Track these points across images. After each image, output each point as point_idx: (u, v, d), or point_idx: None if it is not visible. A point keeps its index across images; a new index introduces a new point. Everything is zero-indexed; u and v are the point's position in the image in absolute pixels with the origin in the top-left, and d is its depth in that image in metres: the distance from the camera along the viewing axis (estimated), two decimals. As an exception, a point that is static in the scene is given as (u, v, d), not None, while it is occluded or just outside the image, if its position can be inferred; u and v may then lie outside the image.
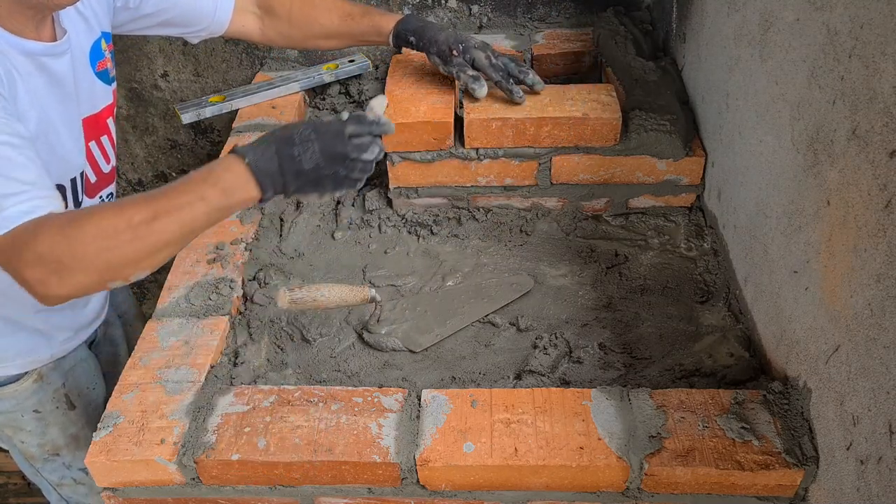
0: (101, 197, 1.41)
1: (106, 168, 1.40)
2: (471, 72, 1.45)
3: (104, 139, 1.38)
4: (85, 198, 1.35)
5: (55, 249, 0.97)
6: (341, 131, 1.09)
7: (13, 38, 1.15)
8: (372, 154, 1.11)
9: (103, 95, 1.37)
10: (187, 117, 1.78)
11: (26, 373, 1.47)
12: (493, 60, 1.46)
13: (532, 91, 1.47)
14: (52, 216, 1.00)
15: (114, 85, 1.41)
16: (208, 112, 1.78)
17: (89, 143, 1.35)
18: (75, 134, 1.29)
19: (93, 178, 1.38)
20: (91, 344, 1.62)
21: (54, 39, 1.23)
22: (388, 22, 1.53)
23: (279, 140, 1.08)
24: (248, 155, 1.06)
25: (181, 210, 1.02)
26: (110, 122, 1.40)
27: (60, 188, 1.27)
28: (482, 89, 1.45)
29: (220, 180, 1.04)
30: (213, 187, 1.04)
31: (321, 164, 1.07)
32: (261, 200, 1.08)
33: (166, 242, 1.02)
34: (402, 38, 1.52)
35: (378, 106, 1.15)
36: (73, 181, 1.29)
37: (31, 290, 1.01)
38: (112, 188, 1.47)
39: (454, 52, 1.46)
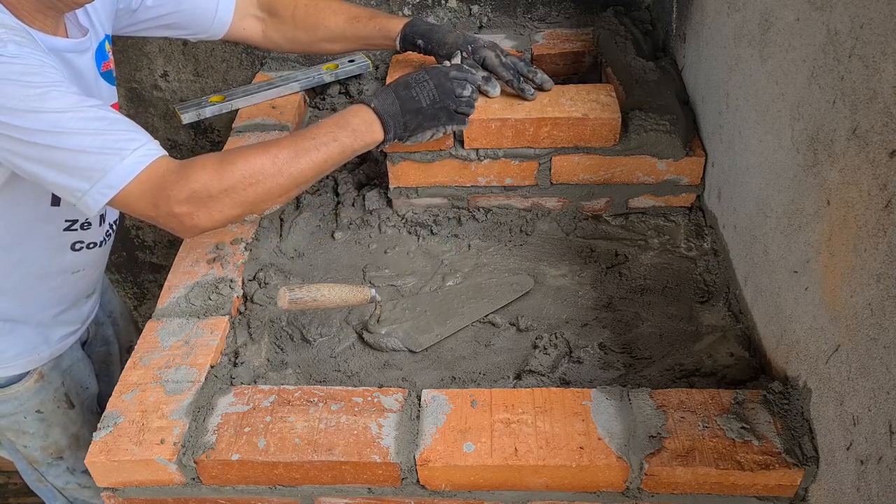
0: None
1: None
2: (482, 73, 1.46)
3: None
4: None
5: (210, 186, 1.11)
6: (447, 72, 1.31)
7: (40, 34, 1.18)
8: (468, 91, 1.31)
9: (109, 96, 1.39)
10: (187, 117, 1.78)
11: (28, 373, 1.47)
12: (504, 60, 1.47)
13: (541, 89, 1.48)
14: (202, 158, 1.14)
15: (114, 87, 1.43)
16: (208, 112, 1.78)
17: None
18: None
19: None
20: (83, 344, 1.63)
21: (68, 36, 1.26)
22: (395, 25, 1.53)
23: (397, 86, 1.27)
24: (372, 101, 1.24)
25: (318, 150, 1.17)
26: None
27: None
28: (495, 89, 1.46)
29: (349, 123, 1.21)
30: (344, 129, 1.20)
31: (437, 99, 1.27)
32: (383, 142, 1.25)
33: (305, 179, 1.18)
34: (409, 41, 1.52)
35: (457, 58, 1.43)
36: None
37: (178, 223, 1.13)
38: None
39: (464, 54, 1.48)
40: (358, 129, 1.22)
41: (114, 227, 1.49)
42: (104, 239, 1.46)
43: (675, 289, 1.36)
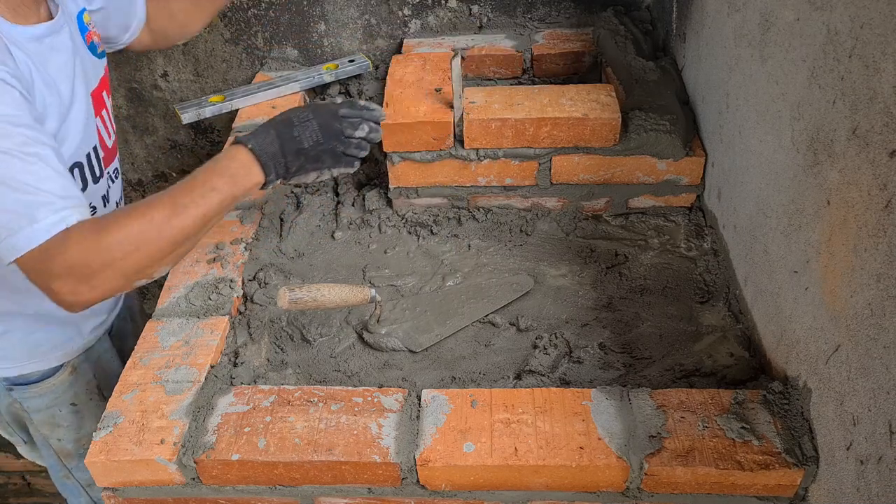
0: (109, 172, 1.43)
1: (109, 142, 1.43)
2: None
3: (104, 113, 1.40)
4: (103, 169, 1.38)
5: (88, 258, 1.02)
6: (336, 111, 1.19)
7: (20, 28, 1.17)
8: (363, 132, 1.19)
9: (96, 68, 1.38)
10: (187, 117, 1.78)
11: (62, 366, 1.50)
12: None
13: None
14: (78, 226, 1.04)
15: (104, 60, 1.41)
16: (208, 112, 1.78)
17: (97, 118, 1.38)
18: (87, 108, 1.32)
19: (101, 153, 1.40)
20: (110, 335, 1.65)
21: (51, 17, 1.24)
22: None
23: (279, 124, 1.16)
24: (250, 141, 1.14)
25: (197, 205, 1.08)
26: (105, 95, 1.42)
27: (79, 165, 1.30)
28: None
29: (227, 168, 1.12)
30: (222, 176, 1.11)
31: (320, 140, 1.16)
32: (265, 184, 1.15)
33: (186, 236, 1.09)
34: None
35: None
36: (89, 156, 1.32)
37: (60, 299, 1.05)
38: (116, 163, 1.49)
39: None
40: (237, 173, 1.12)
41: (119, 204, 1.49)
42: None
43: (675, 289, 1.36)
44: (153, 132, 2.15)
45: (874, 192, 0.84)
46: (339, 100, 1.26)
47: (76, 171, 1.29)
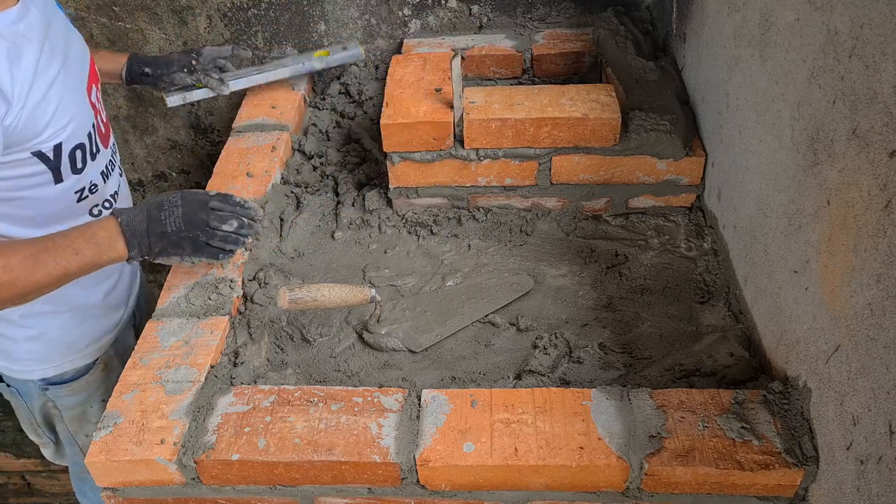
0: (110, 147, 1.45)
1: (103, 117, 1.44)
2: (216, 75, 1.65)
3: (95, 87, 1.41)
4: (101, 147, 1.39)
5: None
6: (206, 202, 1.22)
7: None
8: (231, 226, 1.22)
9: (78, 41, 1.38)
10: (172, 100, 1.71)
11: (94, 362, 1.55)
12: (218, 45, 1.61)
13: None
14: None
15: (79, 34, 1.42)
16: (196, 96, 1.72)
17: (97, 92, 1.40)
18: (81, 85, 1.32)
19: (103, 128, 1.42)
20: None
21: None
22: (120, 58, 1.62)
23: (151, 205, 1.21)
24: (121, 216, 1.19)
25: (57, 264, 1.14)
26: (95, 70, 1.43)
27: (81, 146, 1.31)
28: (228, 90, 1.67)
29: (94, 236, 1.17)
30: (88, 242, 1.16)
31: (182, 228, 1.19)
32: (129, 259, 1.19)
33: (40, 290, 1.15)
34: (134, 70, 1.63)
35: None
36: (90, 135, 1.33)
37: None
38: (113, 139, 1.50)
39: (194, 62, 1.64)
40: (102, 243, 1.17)
41: (118, 192, 1.49)
42: (116, 191, 1.47)
43: (675, 289, 1.36)
44: (153, 132, 2.15)
45: (874, 192, 0.84)
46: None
47: (78, 152, 1.30)
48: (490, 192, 1.52)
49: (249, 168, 1.57)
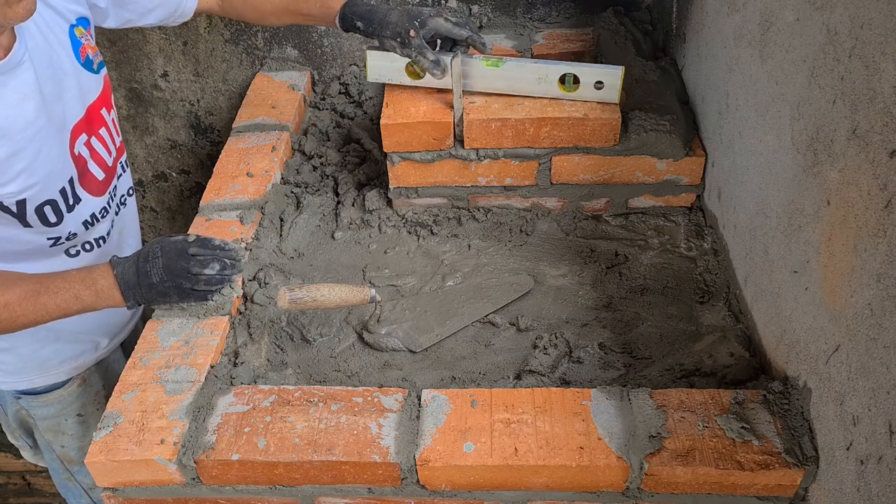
0: (107, 193, 1.41)
1: (109, 161, 1.39)
2: (431, 56, 1.37)
3: (102, 131, 1.36)
4: (87, 197, 1.34)
5: None
6: (184, 249, 1.20)
7: None
8: (213, 270, 1.20)
9: (91, 87, 1.33)
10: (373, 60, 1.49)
11: (71, 378, 1.51)
12: (455, 20, 1.40)
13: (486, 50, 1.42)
14: None
15: (103, 71, 1.37)
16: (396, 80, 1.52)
17: (90, 140, 1.33)
18: (61, 142, 1.27)
19: (100, 175, 1.37)
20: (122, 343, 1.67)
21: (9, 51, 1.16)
22: (335, 3, 1.46)
23: (140, 257, 1.21)
24: (117, 267, 1.20)
25: (57, 306, 1.18)
26: (105, 112, 1.37)
27: (52, 203, 1.27)
28: (444, 74, 1.39)
29: (95, 283, 1.19)
30: (89, 289, 1.19)
31: (165, 278, 1.19)
32: (128, 307, 1.21)
33: (34, 324, 1.20)
34: (348, 21, 1.43)
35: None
36: (63, 190, 1.29)
37: None
38: (125, 179, 1.47)
39: (412, 34, 1.36)
40: (101, 291, 1.19)
41: (109, 234, 1.46)
42: (105, 234, 1.44)
43: (675, 289, 1.36)
44: (153, 132, 2.15)
45: (874, 192, 0.84)
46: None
47: (47, 208, 1.27)
48: (490, 192, 1.52)
49: (249, 168, 1.57)
